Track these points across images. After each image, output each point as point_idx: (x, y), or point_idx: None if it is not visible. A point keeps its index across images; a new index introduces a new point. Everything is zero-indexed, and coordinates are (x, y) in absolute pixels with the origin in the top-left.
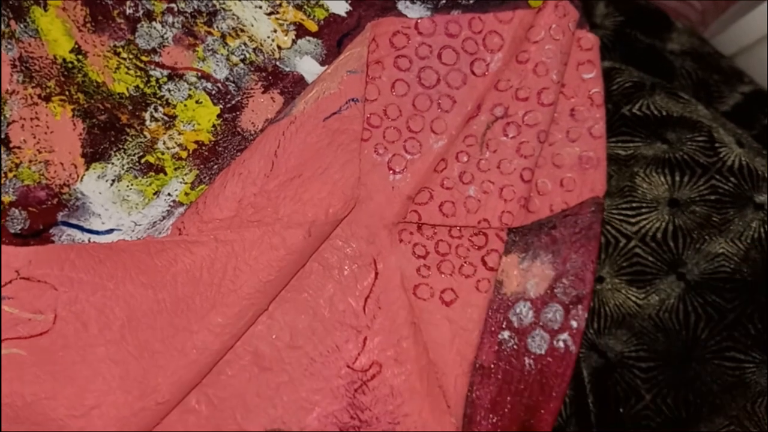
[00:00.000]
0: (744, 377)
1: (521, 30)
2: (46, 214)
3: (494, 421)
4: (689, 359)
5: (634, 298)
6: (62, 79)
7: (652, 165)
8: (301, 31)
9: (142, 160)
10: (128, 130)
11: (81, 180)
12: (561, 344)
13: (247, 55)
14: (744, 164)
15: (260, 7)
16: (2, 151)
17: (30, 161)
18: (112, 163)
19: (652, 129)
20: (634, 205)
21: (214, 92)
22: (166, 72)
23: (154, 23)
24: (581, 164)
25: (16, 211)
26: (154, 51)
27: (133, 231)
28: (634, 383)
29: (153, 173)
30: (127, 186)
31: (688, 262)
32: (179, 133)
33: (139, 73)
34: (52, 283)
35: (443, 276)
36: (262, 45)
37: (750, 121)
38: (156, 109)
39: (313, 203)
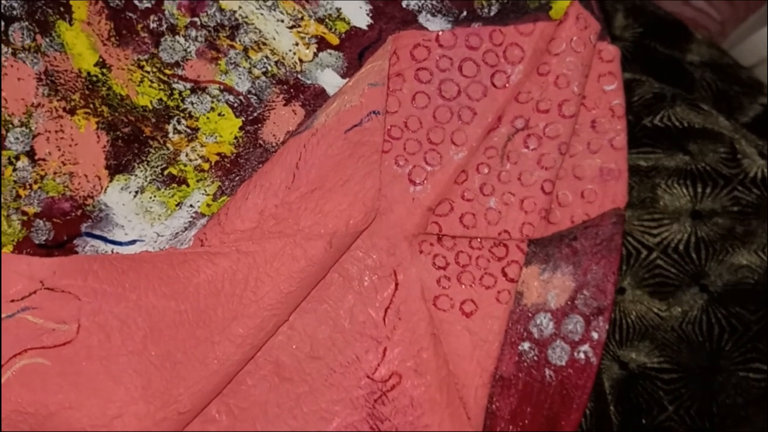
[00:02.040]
0: None
1: (542, 42)
2: (70, 225)
3: None
4: (713, 371)
5: (656, 310)
6: (87, 92)
7: (674, 176)
8: (322, 44)
9: (165, 172)
10: (151, 142)
11: (105, 191)
12: (582, 356)
13: (269, 68)
14: (767, 175)
15: (282, 21)
16: (28, 163)
17: (55, 173)
18: (136, 175)
19: (673, 140)
20: (656, 216)
21: (236, 105)
22: (189, 85)
23: (177, 37)
24: (602, 176)
25: (41, 222)
26: (177, 64)
27: (155, 242)
28: (657, 395)
29: (175, 185)
30: (150, 197)
31: (711, 273)
32: (201, 146)
33: (162, 86)
34: (76, 293)
35: (463, 287)
36: (283, 58)
37: None
38: (179, 122)
39: (333, 215)
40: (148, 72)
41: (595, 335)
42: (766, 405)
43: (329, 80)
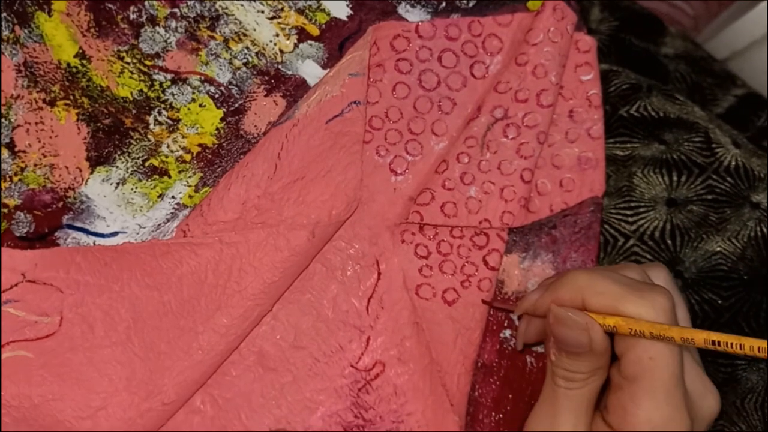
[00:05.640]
0: (735, 374)
1: (520, 33)
2: (51, 217)
3: (497, 419)
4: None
5: None
6: (67, 83)
7: (650, 165)
8: (302, 35)
9: (147, 164)
10: (132, 133)
11: (86, 183)
12: None
13: (250, 59)
14: (740, 164)
15: (262, 12)
16: (8, 155)
17: (35, 165)
18: (117, 167)
19: (649, 130)
20: (632, 204)
21: (217, 96)
22: (169, 76)
23: (157, 28)
24: (580, 165)
25: (22, 214)
26: (157, 55)
27: (137, 233)
28: None
29: (157, 176)
30: (132, 189)
31: (685, 260)
32: (183, 137)
33: (143, 77)
34: (58, 285)
35: (445, 276)
36: (264, 49)
37: (744, 123)
38: (160, 113)
39: (316, 205)
40: (128, 63)
41: None
42: (730, 388)
43: (310, 71)
